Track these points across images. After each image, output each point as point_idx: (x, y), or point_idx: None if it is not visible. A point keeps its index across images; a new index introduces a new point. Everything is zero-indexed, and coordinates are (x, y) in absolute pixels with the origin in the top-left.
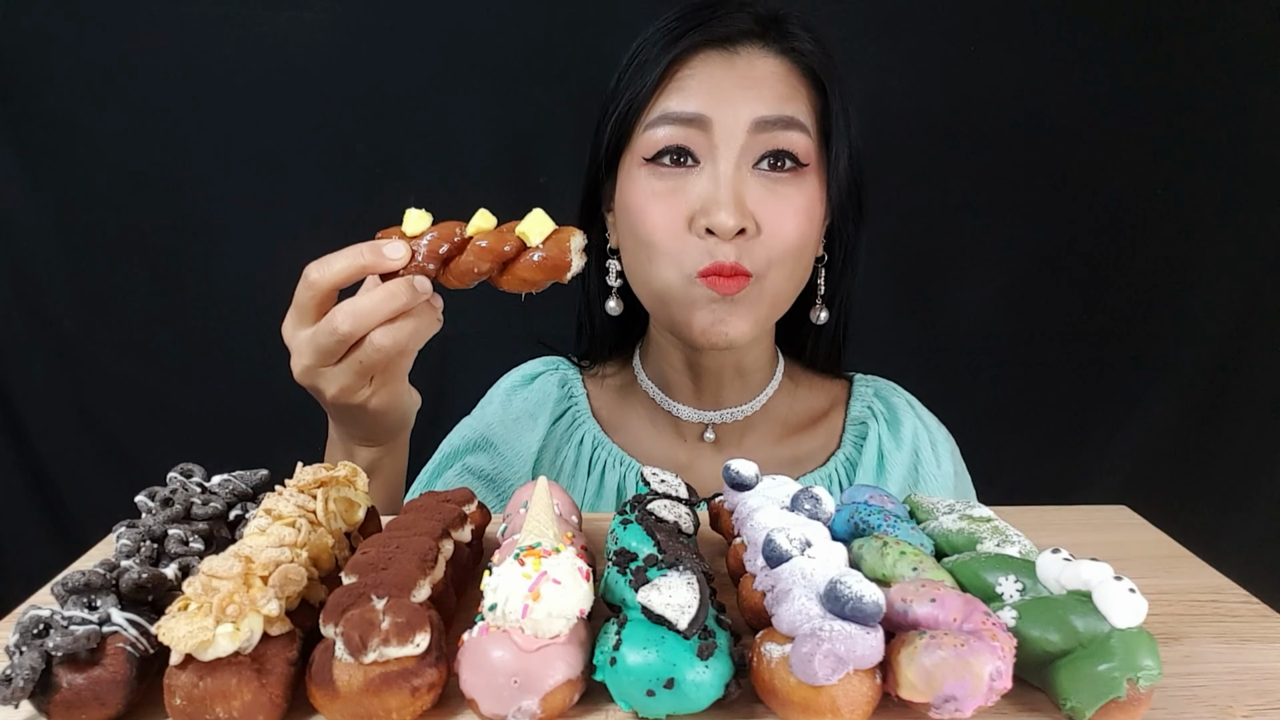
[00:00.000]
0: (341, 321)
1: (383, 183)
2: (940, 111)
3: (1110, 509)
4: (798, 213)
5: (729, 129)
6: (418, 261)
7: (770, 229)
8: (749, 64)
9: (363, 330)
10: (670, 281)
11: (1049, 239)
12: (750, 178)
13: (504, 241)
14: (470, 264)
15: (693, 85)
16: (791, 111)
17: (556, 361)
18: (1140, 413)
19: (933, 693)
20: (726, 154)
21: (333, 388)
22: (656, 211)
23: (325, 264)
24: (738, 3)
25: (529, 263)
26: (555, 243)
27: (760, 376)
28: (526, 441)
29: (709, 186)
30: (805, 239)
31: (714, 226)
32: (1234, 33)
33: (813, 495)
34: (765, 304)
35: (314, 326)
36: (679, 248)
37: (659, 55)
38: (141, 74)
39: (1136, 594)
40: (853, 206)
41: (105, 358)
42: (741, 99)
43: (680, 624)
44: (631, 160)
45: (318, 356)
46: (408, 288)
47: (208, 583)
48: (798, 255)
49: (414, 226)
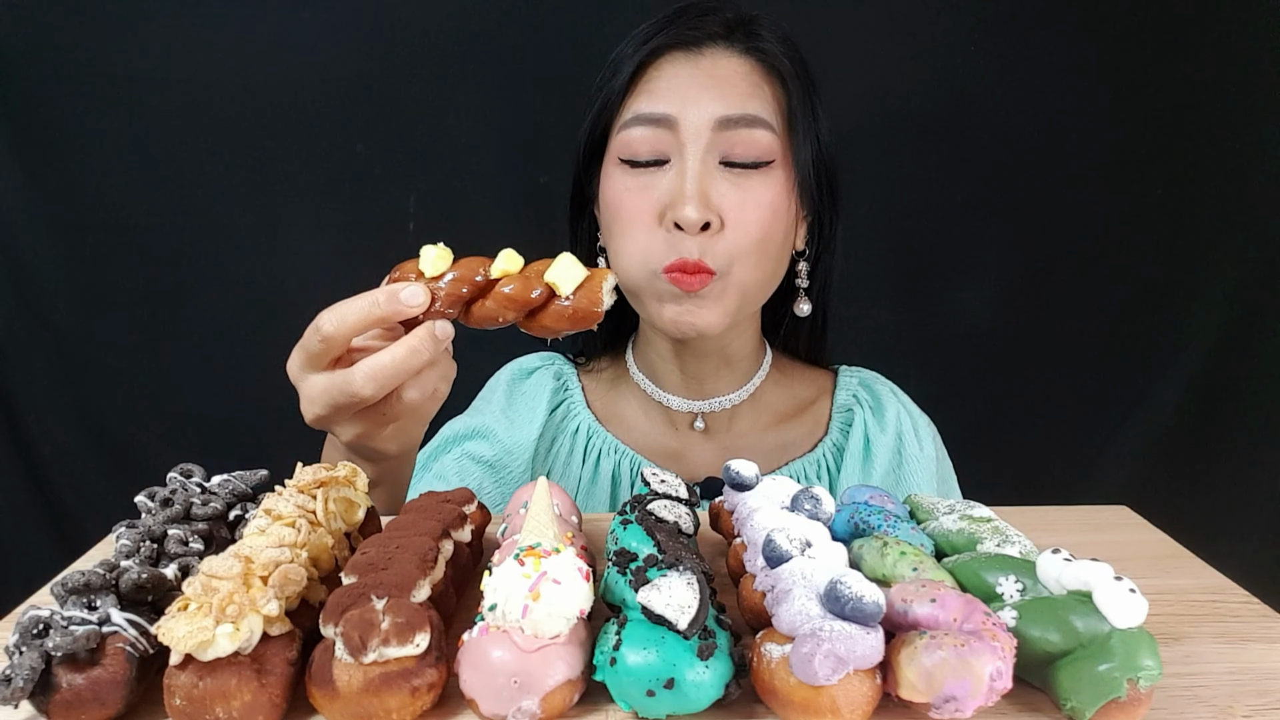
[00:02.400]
0: (363, 385)
1: (383, 183)
2: (940, 111)
3: (1110, 509)
4: (761, 207)
5: (694, 127)
6: (438, 306)
7: (735, 224)
8: (713, 64)
9: (385, 391)
10: (638, 273)
11: (1049, 239)
12: (716, 174)
13: (531, 288)
14: (494, 311)
15: (661, 87)
16: (754, 110)
17: (552, 357)
18: (1140, 413)
19: (933, 693)
20: (693, 151)
21: (347, 435)
22: (629, 206)
23: (339, 315)
24: (712, 8)
25: (558, 312)
26: (586, 292)
27: (746, 366)
28: (526, 430)
29: (676, 182)
30: (769, 233)
31: (680, 220)
32: (1234, 33)
33: (813, 495)
34: (733, 297)
35: (328, 379)
36: (647, 242)
37: (630, 58)
38: (141, 74)
39: (1137, 594)
40: (826, 201)
41: (105, 358)
42: (705, 98)
43: (680, 624)
44: (609, 159)
45: (331, 410)
46: (431, 341)
47: (207, 583)
48: (763, 249)
49: (434, 266)
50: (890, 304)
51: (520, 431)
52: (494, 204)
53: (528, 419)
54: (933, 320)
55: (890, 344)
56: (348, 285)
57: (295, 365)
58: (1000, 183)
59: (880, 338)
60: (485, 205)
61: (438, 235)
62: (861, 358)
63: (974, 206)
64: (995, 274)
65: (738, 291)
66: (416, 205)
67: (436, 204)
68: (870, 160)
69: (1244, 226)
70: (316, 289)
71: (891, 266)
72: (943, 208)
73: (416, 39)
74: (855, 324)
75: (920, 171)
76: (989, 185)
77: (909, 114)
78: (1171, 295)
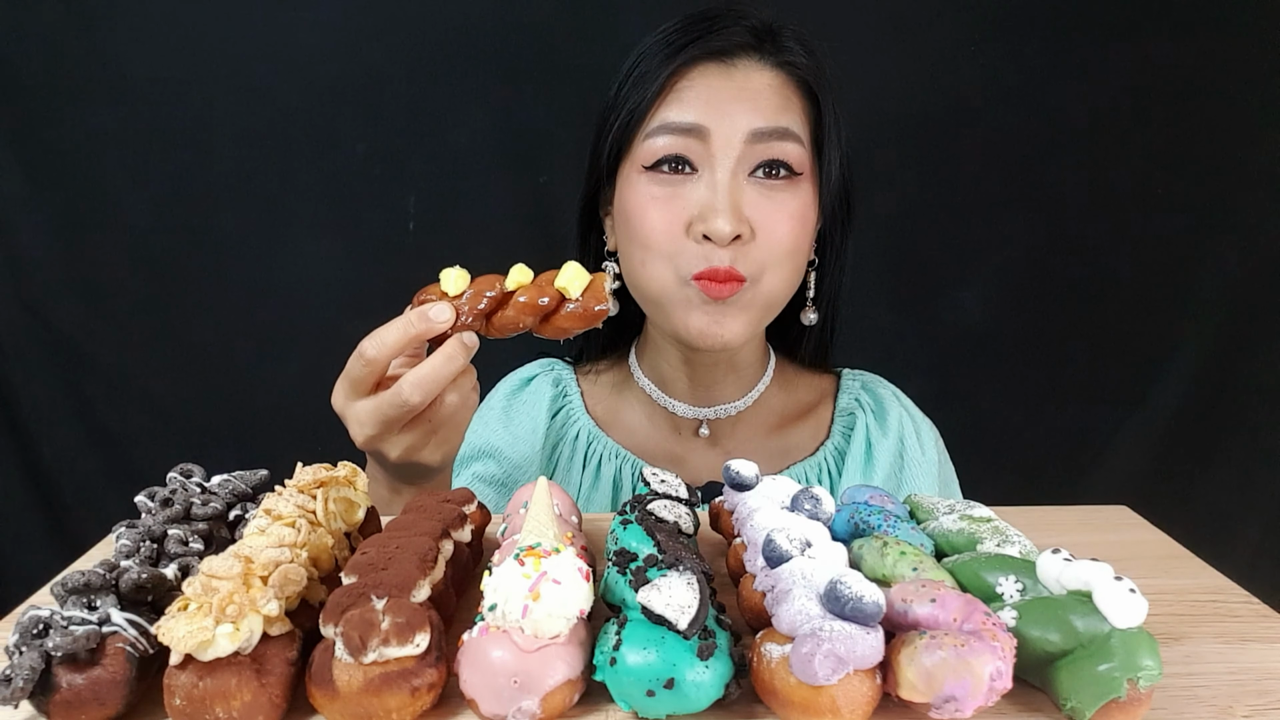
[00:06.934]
0: (410, 393)
1: (383, 183)
2: (940, 112)
3: (1110, 509)
4: (791, 218)
5: (726, 139)
6: (463, 320)
7: (765, 234)
8: (745, 76)
9: (431, 397)
10: (666, 283)
11: (1049, 239)
12: (746, 185)
13: (543, 295)
14: (512, 319)
15: (691, 96)
16: (786, 123)
17: (551, 363)
18: (1140, 413)
19: (933, 693)
20: (724, 163)
21: (397, 450)
22: (655, 215)
23: (379, 339)
24: (735, 15)
25: (569, 314)
26: (591, 293)
27: (752, 373)
28: (529, 443)
29: (707, 194)
30: (799, 243)
31: (711, 233)
32: (1234, 34)
33: (813, 495)
34: (759, 307)
35: (376, 399)
36: (675, 251)
37: (659, 67)
38: (142, 74)
39: (1137, 594)
40: (842, 211)
41: (105, 358)
42: (738, 110)
43: (680, 624)
44: (631, 167)
45: (383, 426)
46: (462, 348)
47: (207, 583)
48: (792, 259)
49: (454, 285)
50: (890, 305)
51: (524, 445)
52: (494, 204)
53: (529, 429)
54: (933, 321)
55: (890, 345)
56: (348, 285)
57: (340, 396)
58: (1000, 183)
59: (880, 339)
60: (485, 205)
61: (438, 235)
62: (862, 359)
63: (974, 207)
64: (995, 274)
65: (764, 301)
66: (416, 205)
67: (436, 204)
68: (870, 161)
69: (1243, 226)
70: (317, 288)
71: (891, 267)
72: (943, 208)
73: (416, 39)
74: (855, 325)
75: (920, 172)
76: (989, 186)
77: (909, 115)
78: (1171, 295)
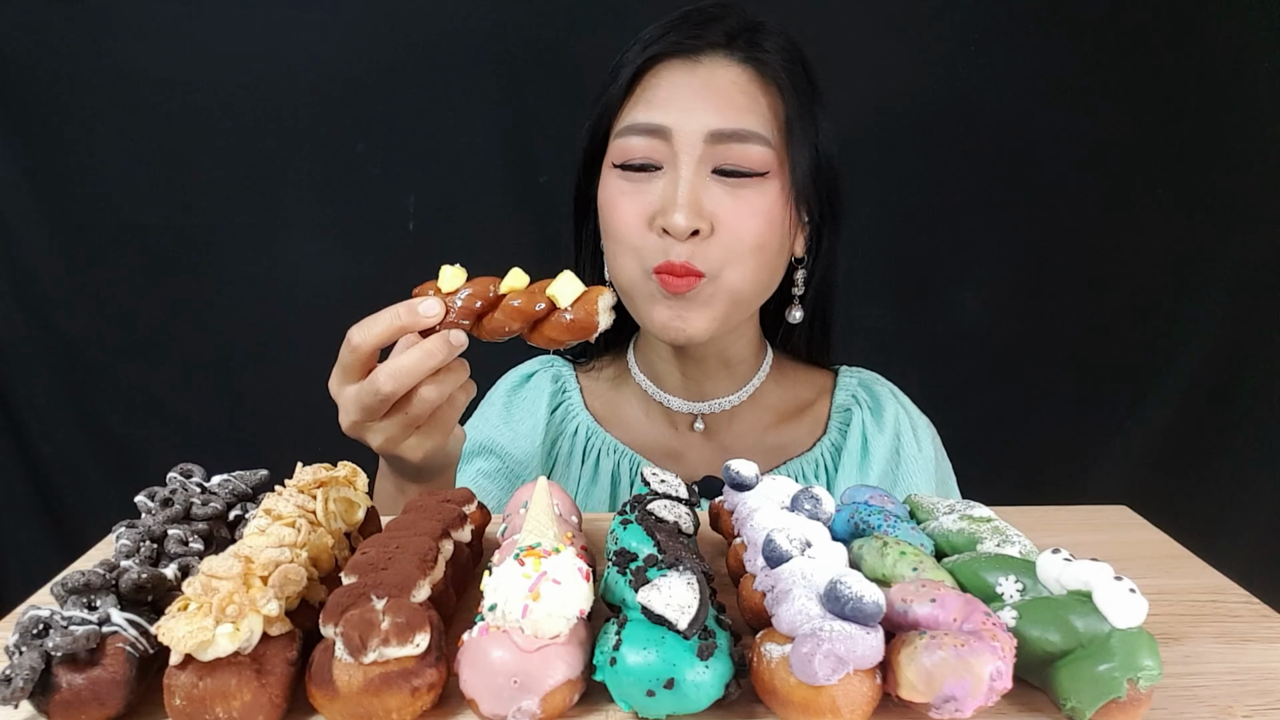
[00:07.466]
0: (384, 382)
1: (383, 183)
2: (940, 113)
3: (1110, 509)
4: (755, 214)
5: (687, 138)
6: (452, 317)
7: (727, 230)
8: (710, 73)
9: (404, 388)
10: (633, 276)
11: (1049, 239)
12: (710, 181)
13: (535, 301)
14: (502, 322)
15: (658, 96)
16: (748, 124)
17: (550, 360)
18: (1140, 413)
19: (933, 693)
20: (686, 160)
21: (378, 439)
22: (622, 208)
23: (366, 327)
24: (718, 13)
25: (559, 323)
26: (584, 305)
27: (746, 368)
28: (530, 439)
29: (668, 189)
30: (763, 239)
31: (669, 227)
32: (1234, 34)
33: (813, 495)
34: (723, 301)
35: (358, 385)
36: (640, 244)
37: (629, 65)
38: (142, 74)
39: (1137, 594)
40: (825, 210)
41: (105, 358)
42: (700, 109)
43: (680, 624)
44: (605, 163)
45: (363, 413)
46: (444, 345)
47: (207, 583)
48: (756, 255)
49: (449, 283)
50: (890, 304)
51: (525, 441)
52: (494, 203)
53: (530, 425)
54: (933, 320)
55: (890, 344)
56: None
57: (334, 383)
58: (1000, 184)
59: (880, 338)
60: (485, 205)
61: (437, 235)
62: (862, 358)
63: (974, 207)
64: (995, 274)
65: (728, 296)
66: (416, 205)
67: (436, 204)
68: (870, 162)
69: (1243, 227)
70: (316, 288)
71: (891, 267)
72: (943, 208)
73: (416, 39)
74: (855, 324)
75: (920, 172)
76: (989, 186)
77: (909, 115)
78: (1171, 295)
